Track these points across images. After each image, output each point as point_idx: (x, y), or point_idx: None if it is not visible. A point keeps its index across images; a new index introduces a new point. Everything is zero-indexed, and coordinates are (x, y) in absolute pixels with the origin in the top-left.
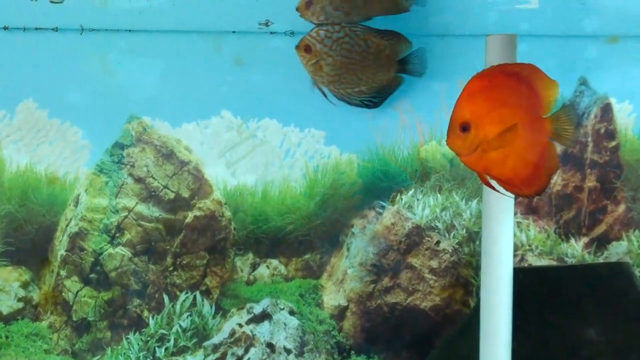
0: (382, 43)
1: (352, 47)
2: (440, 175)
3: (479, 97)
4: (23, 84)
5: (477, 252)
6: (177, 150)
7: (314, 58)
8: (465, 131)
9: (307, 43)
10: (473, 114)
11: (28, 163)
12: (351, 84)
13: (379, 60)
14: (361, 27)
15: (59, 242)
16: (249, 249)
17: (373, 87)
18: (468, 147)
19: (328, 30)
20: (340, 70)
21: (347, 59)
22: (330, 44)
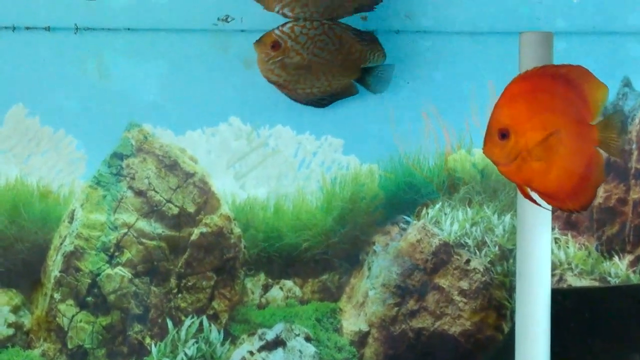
0: (354, 46)
1: (325, 45)
2: (470, 187)
3: (519, 101)
4: (12, 88)
5: (511, 272)
6: (182, 160)
7: (280, 56)
8: (504, 138)
9: (276, 39)
10: (513, 119)
11: (18, 175)
12: (305, 84)
13: (345, 63)
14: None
15: (52, 262)
16: (260, 269)
17: (325, 91)
18: (507, 155)
19: (305, 26)
20: (303, 70)
21: (316, 57)
22: (304, 41)
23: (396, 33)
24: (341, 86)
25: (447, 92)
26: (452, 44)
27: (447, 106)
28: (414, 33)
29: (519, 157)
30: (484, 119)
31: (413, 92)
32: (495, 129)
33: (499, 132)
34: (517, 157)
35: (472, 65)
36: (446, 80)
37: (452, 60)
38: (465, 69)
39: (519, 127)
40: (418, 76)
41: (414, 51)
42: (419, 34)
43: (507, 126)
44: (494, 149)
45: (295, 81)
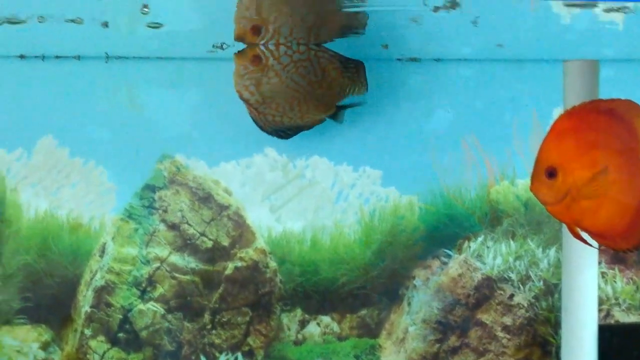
0: (337, 80)
1: (307, 72)
2: (513, 220)
3: (567, 138)
4: (42, 119)
5: (557, 307)
6: (215, 192)
7: (258, 72)
8: (551, 177)
9: (258, 53)
10: (561, 157)
11: (48, 208)
12: (277, 111)
13: (323, 98)
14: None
15: (83, 297)
16: (297, 304)
17: (294, 124)
18: (555, 195)
19: (291, 47)
20: (278, 95)
21: (295, 84)
22: (287, 63)
23: (436, 61)
24: (312, 121)
25: (489, 121)
26: (494, 72)
27: (489, 135)
28: (454, 61)
29: (567, 196)
30: (527, 149)
31: (453, 122)
32: (543, 168)
33: (546, 170)
34: (566, 196)
35: (515, 94)
36: (488, 109)
37: (493, 88)
38: (507, 97)
39: (567, 165)
40: (459, 105)
41: (455, 79)
42: (460, 62)
43: (554, 164)
44: (541, 188)
45: (267, 105)
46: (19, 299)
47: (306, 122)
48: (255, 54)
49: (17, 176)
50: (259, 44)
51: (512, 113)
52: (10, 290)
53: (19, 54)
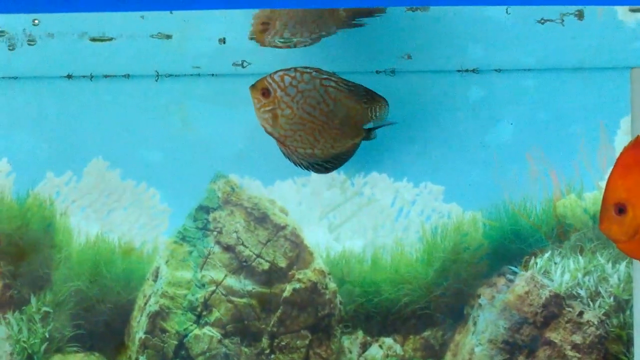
0: (353, 108)
1: (317, 103)
2: (581, 234)
3: (635, 171)
4: (91, 140)
5: (629, 324)
6: (271, 212)
7: (270, 105)
8: (621, 213)
9: (266, 86)
10: (630, 192)
11: (99, 232)
12: (305, 144)
13: (345, 126)
14: (334, 81)
15: (136, 323)
16: (358, 326)
17: (329, 153)
18: (626, 232)
19: (295, 77)
20: (297, 127)
21: (308, 115)
22: (294, 94)
23: (497, 72)
24: (346, 148)
25: (554, 133)
26: (558, 82)
27: (554, 148)
28: (516, 71)
29: (639, 232)
30: (594, 161)
31: (517, 134)
32: (611, 204)
33: (615, 207)
34: (637, 232)
35: (580, 104)
36: (552, 121)
37: (558, 99)
38: (572, 107)
39: (637, 200)
40: (522, 117)
41: (517, 90)
42: (522, 72)
43: (623, 200)
44: (611, 225)
45: (292, 138)
46: (71, 326)
47: (340, 151)
48: (264, 86)
49: (66, 200)
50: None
51: (577, 124)
52: (61, 317)
53: (66, 74)
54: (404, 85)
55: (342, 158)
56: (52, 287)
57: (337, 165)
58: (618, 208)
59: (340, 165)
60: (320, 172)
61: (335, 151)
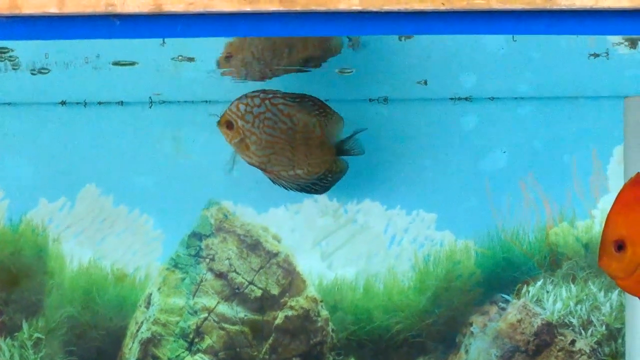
0: (309, 121)
1: (274, 123)
2: (573, 263)
3: (635, 208)
4: (84, 167)
5: (620, 353)
6: (264, 239)
7: (237, 136)
8: (620, 250)
9: (228, 119)
10: (629, 229)
11: (92, 258)
12: (284, 166)
13: (308, 140)
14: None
15: (128, 350)
16: (350, 353)
17: (310, 172)
18: (625, 269)
19: (248, 104)
20: (268, 150)
21: (271, 137)
22: (252, 120)
23: (491, 100)
24: (325, 166)
25: (547, 161)
26: (551, 110)
27: (547, 176)
28: (510, 99)
29: (638, 269)
30: (587, 190)
31: (510, 162)
32: (610, 241)
33: (614, 243)
34: (637, 269)
35: (573, 133)
36: (545, 149)
37: (551, 127)
38: (565, 136)
39: (637, 238)
40: (515, 144)
41: (511, 118)
42: (516, 100)
43: (622, 237)
44: (610, 262)
45: (270, 163)
46: (63, 352)
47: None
48: (226, 120)
49: (59, 226)
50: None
51: (570, 152)
52: (53, 343)
53: (60, 101)
54: (397, 114)
55: (329, 179)
56: (44, 314)
57: (327, 186)
58: (617, 245)
59: (330, 186)
60: (311, 192)
61: (314, 169)
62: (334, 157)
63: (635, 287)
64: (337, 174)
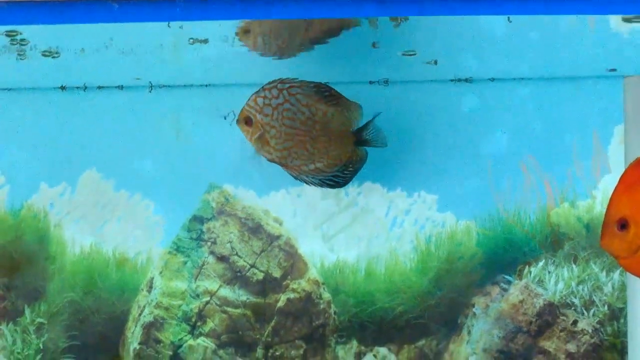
0: (327, 110)
1: (294, 114)
2: (575, 243)
3: (639, 188)
4: (85, 152)
5: (623, 332)
6: (265, 222)
7: (257, 131)
8: (623, 229)
9: (246, 115)
10: (632, 208)
11: (93, 244)
12: (303, 159)
13: (328, 131)
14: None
15: (131, 334)
16: (352, 335)
17: (331, 164)
18: (627, 248)
19: (265, 96)
20: (288, 143)
21: (291, 128)
22: (271, 113)
23: (491, 81)
24: (344, 156)
25: (548, 142)
26: (552, 91)
27: (547, 157)
28: (510, 80)
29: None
30: (588, 170)
31: (511, 143)
32: (613, 220)
33: (617, 222)
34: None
35: (574, 113)
36: (546, 130)
37: (552, 108)
38: (566, 117)
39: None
40: (516, 126)
41: (511, 99)
42: (516, 81)
43: (626, 216)
44: (612, 241)
45: (290, 157)
46: (65, 337)
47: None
48: (245, 116)
49: (60, 211)
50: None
51: (571, 133)
52: (56, 328)
53: (59, 85)
54: (397, 95)
55: (350, 169)
56: (46, 299)
57: (348, 177)
58: (620, 224)
59: (351, 177)
60: (333, 187)
61: (335, 162)
62: (353, 147)
63: (637, 266)
64: (357, 163)
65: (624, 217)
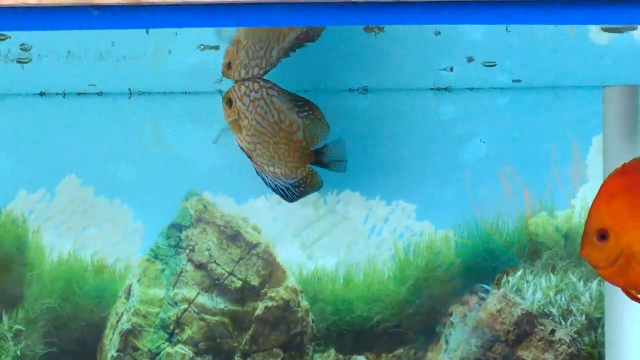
0: (295, 121)
1: (265, 113)
2: (553, 252)
3: (619, 198)
4: (64, 158)
5: (600, 342)
6: (244, 230)
7: (233, 114)
8: (602, 239)
9: (229, 96)
10: (612, 219)
11: (72, 250)
12: (267, 159)
13: (290, 142)
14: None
15: (109, 341)
16: (330, 344)
17: (287, 175)
18: (606, 258)
19: (248, 86)
20: (255, 138)
21: (260, 126)
22: (248, 104)
23: (470, 90)
24: (299, 173)
25: (526, 150)
26: (531, 100)
27: (526, 166)
28: (489, 89)
29: (620, 258)
30: (566, 179)
31: (489, 152)
32: (593, 230)
33: (597, 232)
34: (618, 259)
35: (553, 122)
36: (525, 138)
37: (530, 117)
38: (545, 125)
39: (619, 227)
40: (494, 135)
41: (490, 108)
42: (495, 90)
43: (605, 226)
44: (592, 250)
45: (256, 152)
46: (43, 344)
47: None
48: (228, 96)
49: (39, 217)
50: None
51: (550, 142)
52: (33, 335)
53: (39, 92)
54: (376, 103)
55: (301, 189)
56: (24, 305)
57: (296, 195)
58: (600, 234)
59: (299, 197)
60: (283, 197)
61: (292, 174)
62: (310, 168)
63: (616, 276)
64: (309, 187)
65: (604, 227)
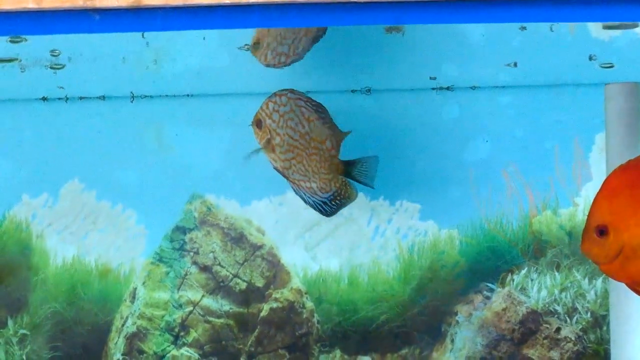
0: (323, 131)
1: (296, 125)
2: (557, 250)
3: (620, 194)
4: (67, 162)
5: (606, 340)
6: (248, 232)
7: (265, 135)
8: (602, 235)
9: (258, 117)
10: (613, 215)
11: (75, 254)
12: (301, 174)
13: (320, 152)
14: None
15: (114, 345)
16: (335, 344)
17: (322, 188)
18: (606, 254)
19: (276, 102)
20: (289, 154)
21: (291, 139)
22: (278, 119)
23: (472, 89)
24: (334, 184)
25: (529, 149)
26: (533, 99)
27: (529, 165)
28: (491, 88)
29: (621, 254)
30: (570, 177)
31: (493, 151)
32: (593, 226)
33: (596, 229)
34: (619, 254)
35: (555, 121)
36: (528, 137)
37: (533, 115)
38: (547, 124)
39: (620, 224)
40: (498, 134)
41: (493, 107)
42: (498, 89)
43: (605, 223)
44: (592, 247)
45: (290, 170)
46: (48, 348)
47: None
48: (257, 118)
49: (42, 222)
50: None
51: (553, 140)
52: (38, 339)
53: (41, 97)
54: (379, 104)
55: (337, 201)
56: (29, 310)
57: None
58: (599, 230)
59: (336, 210)
60: (321, 213)
61: (326, 186)
62: (343, 178)
63: (617, 272)
64: (345, 199)
65: (604, 224)
